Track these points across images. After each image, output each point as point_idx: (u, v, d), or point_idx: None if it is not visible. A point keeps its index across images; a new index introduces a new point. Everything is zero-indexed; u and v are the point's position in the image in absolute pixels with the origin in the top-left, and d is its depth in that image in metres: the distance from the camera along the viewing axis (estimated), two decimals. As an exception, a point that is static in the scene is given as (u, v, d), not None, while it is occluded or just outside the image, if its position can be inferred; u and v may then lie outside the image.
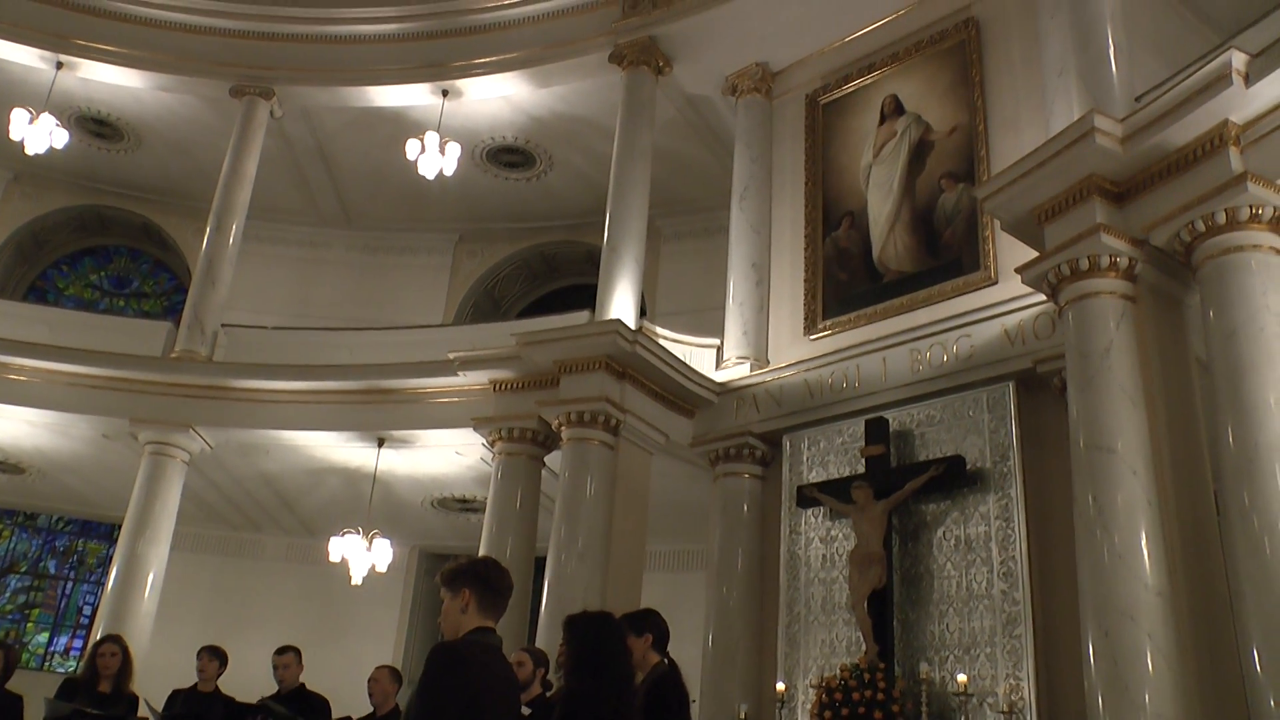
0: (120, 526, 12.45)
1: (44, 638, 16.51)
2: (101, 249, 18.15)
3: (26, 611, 16.64)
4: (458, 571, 3.68)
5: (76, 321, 13.64)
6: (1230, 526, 6.27)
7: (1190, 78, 6.92)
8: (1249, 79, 6.60)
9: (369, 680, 7.37)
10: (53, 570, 17.02)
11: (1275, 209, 6.73)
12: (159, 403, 12.37)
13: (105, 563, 16.22)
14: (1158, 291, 7.43)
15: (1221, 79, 6.64)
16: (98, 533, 17.11)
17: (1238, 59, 6.61)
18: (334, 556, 13.02)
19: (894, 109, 11.23)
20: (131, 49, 14.24)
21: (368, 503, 13.48)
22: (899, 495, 8.94)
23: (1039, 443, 8.64)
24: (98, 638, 9.02)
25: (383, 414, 12.31)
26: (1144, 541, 6.54)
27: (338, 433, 12.58)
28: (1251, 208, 6.68)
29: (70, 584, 16.97)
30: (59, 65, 14.13)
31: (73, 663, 15.76)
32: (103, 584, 14.00)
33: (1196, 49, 9.39)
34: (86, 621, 16.25)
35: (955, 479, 8.85)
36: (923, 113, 10.94)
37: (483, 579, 3.66)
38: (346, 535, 13.03)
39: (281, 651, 7.83)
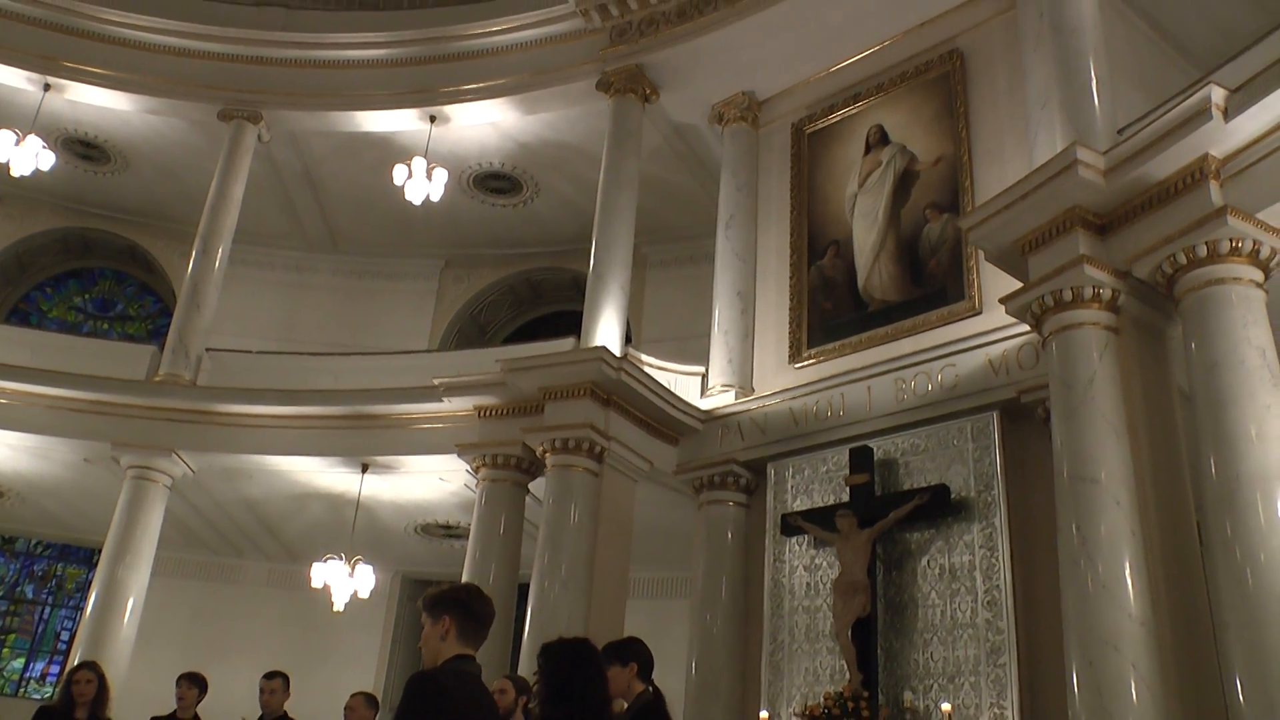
0: (100, 551, 12.36)
1: (20, 663, 16.31)
2: (86, 271, 18.08)
3: (2, 636, 16.45)
4: (438, 598, 3.67)
5: (59, 344, 13.56)
6: (1213, 557, 6.30)
7: (1171, 112, 7.01)
8: (1228, 114, 6.68)
9: (345, 708, 7.32)
10: (30, 595, 16.84)
11: (1255, 242, 6.79)
12: (142, 426, 12.30)
13: (84, 587, 16.07)
14: (1140, 323, 7.49)
15: (1201, 113, 6.72)
16: (77, 557, 16.96)
17: (1217, 94, 6.69)
18: (316, 582, 12.95)
19: (879, 139, 11.31)
20: (120, 71, 14.25)
21: (350, 528, 13.40)
22: (883, 524, 8.94)
23: (1023, 472, 8.66)
24: (74, 664, 8.92)
25: (367, 439, 12.28)
26: (1128, 571, 6.56)
27: (322, 458, 12.54)
28: (1232, 241, 6.74)
29: (48, 609, 16.79)
30: (46, 87, 14.12)
31: (49, 689, 15.56)
32: (81, 609, 13.88)
33: (1177, 82, 9.50)
34: (64, 647, 16.07)
35: (940, 508, 8.86)
36: (908, 143, 11.02)
37: (463, 606, 3.65)
38: (329, 561, 12.97)
39: (270, 676, 7.76)
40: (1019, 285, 7.93)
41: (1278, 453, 6.23)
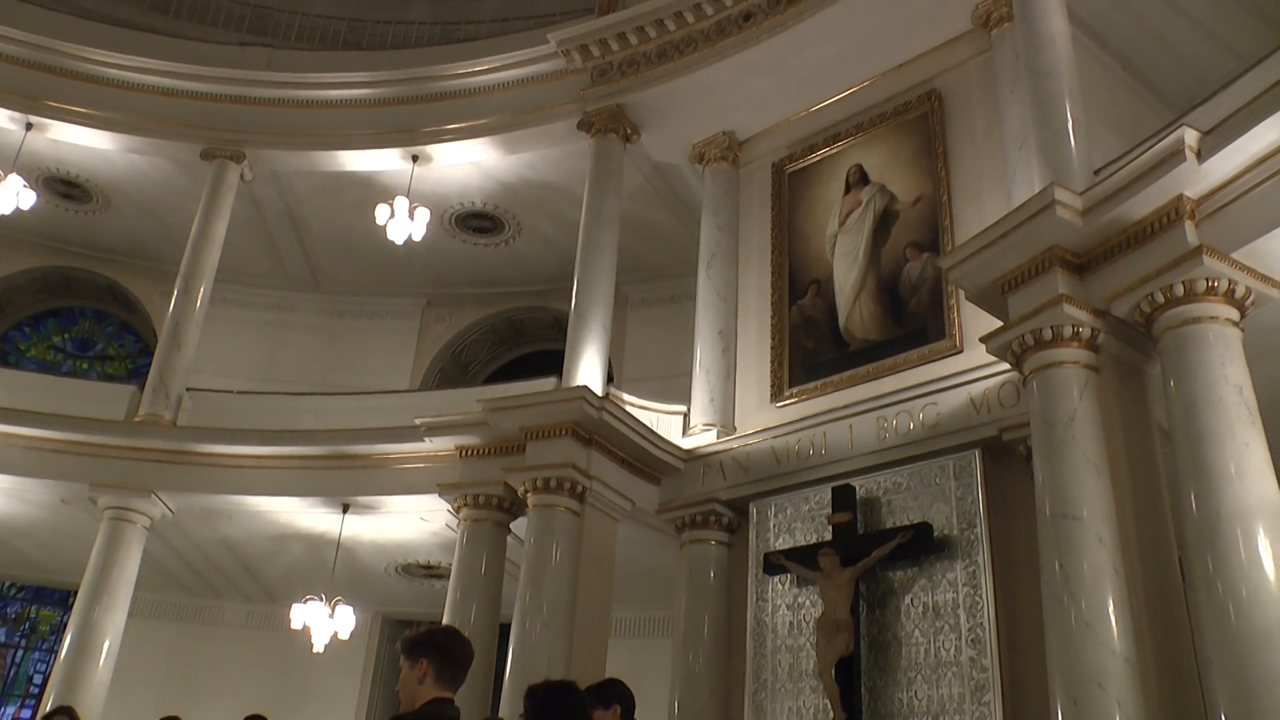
0: (76, 593, 12.21)
1: (-8, 708, 16.08)
2: (66, 310, 17.99)
3: (-26, 680, 16.21)
4: (416, 641, 3.67)
5: (37, 384, 13.47)
6: (1195, 593, 6.32)
7: (1146, 153, 7.10)
8: (1201, 155, 6.77)
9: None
10: (2, 638, 16.60)
11: (1231, 282, 6.86)
12: (120, 467, 12.19)
13: (59, 630, 15.87)
14: (1120, 361, 7.54)
15: (1175, 155, 6.81)
16: (52, 599, 16.74)
17: (1190, 136, 6.79)
18: (296, 623, 12.83)
19: (859, 178, 11.41)
20: (103, 111, 14.26)
21: (331, 569, 13.30)
22: (866, 562, 8.93)
23: (1005, 510, 8.68)
24: (48, 709, 8.80)
25: (348, 479, 12.21)
26: (1111, 608, 6.56)
27: (302, 498, 12.45)
28: (1208, 281, 6.82)
29: (21, 652, 16.55)
30: (29, 126, 14.11)
31: (22, 734, 15.34)
32: (55, 652, 13.68)
33: (1151, 124, 9.67)
34: (37, 691, 15.83)
35: (922, 546, 8.86)
36: (887, 182, 11.12)
37: (441, 649, 3.64)
38: (309, 602, 12.85)
39: (249, 720, 7.69)
40: (999, 324, 7.97)
41: (1257, 489, 6.27)
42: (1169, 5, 10.69)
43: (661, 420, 11.43)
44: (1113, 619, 6.53)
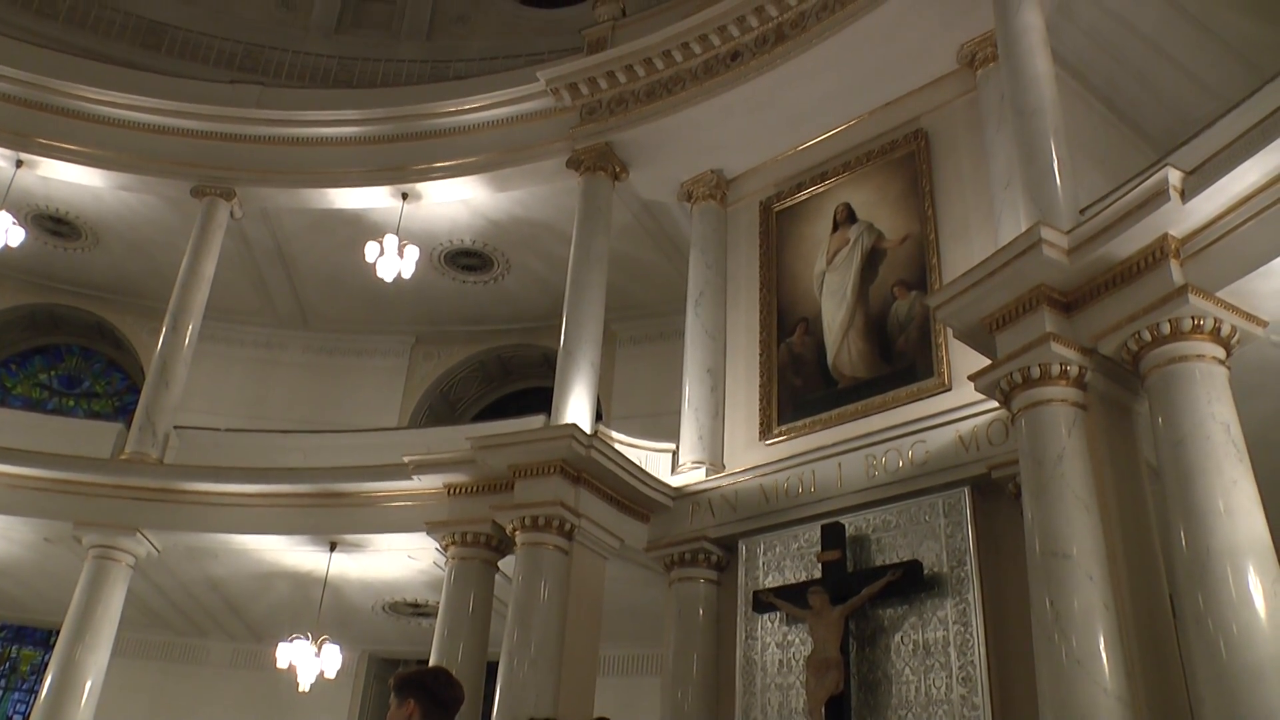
0: (58, 632, 12.08)
1: (-29, 749, 15.86)
2: (52, 348, 17.93)
3: (-47, 721, 16.01)
4: (405, 681, 3.69)
5: (22, 422, 13.38)
6: (1186, 630, 6.32)
7: (1130, 193, 7.18)
8: (1185, 195, 6.85)
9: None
10: (-17, 678, 16.42)
11: (1216, 320, 6.91)
12: (105, 505, 12.12)
13: (40, 670, 15.67)
14: (1108, 399, 7.57)
15: (1159, 194, 6.89)
16: (33, 639, 16.55)
17: (1174, 176, 6.87)
18: (281, 662, 12.71)
19: (846, 217, 11.48)
20: (93, 148, 14.30)
21: (317, 607, 13.19)
22: (856, 600, 8.91)
23: (995, 547, 8.68)
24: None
25: (335, 517, 12.16)
26: (1102, 646, 6.55)
27: (289, 536, 12.39)
28: (1194, 319, 6.87)
29: (0, 692, 16.35)
30: (19, 163, 14.14)
31: (2, 777, 15.13)
32: (36, 692, 13.51)
33: (1135, 163, 9.78)
34: (18, 732, 15.65)
35: (912, 584, 8.84)
36: (875, 221, 11.19)
37: (429, 690, 3.66)
38: (295, 640, 12.74)
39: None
40: (988, 362, 8.01)
41: (1246, 526, 6.29)
42: (1150, 46, 10.84)
43: (650, 458, 11.42)
44: (1104, 657, 6.51)
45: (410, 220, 14.29)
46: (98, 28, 18.11)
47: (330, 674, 12.97)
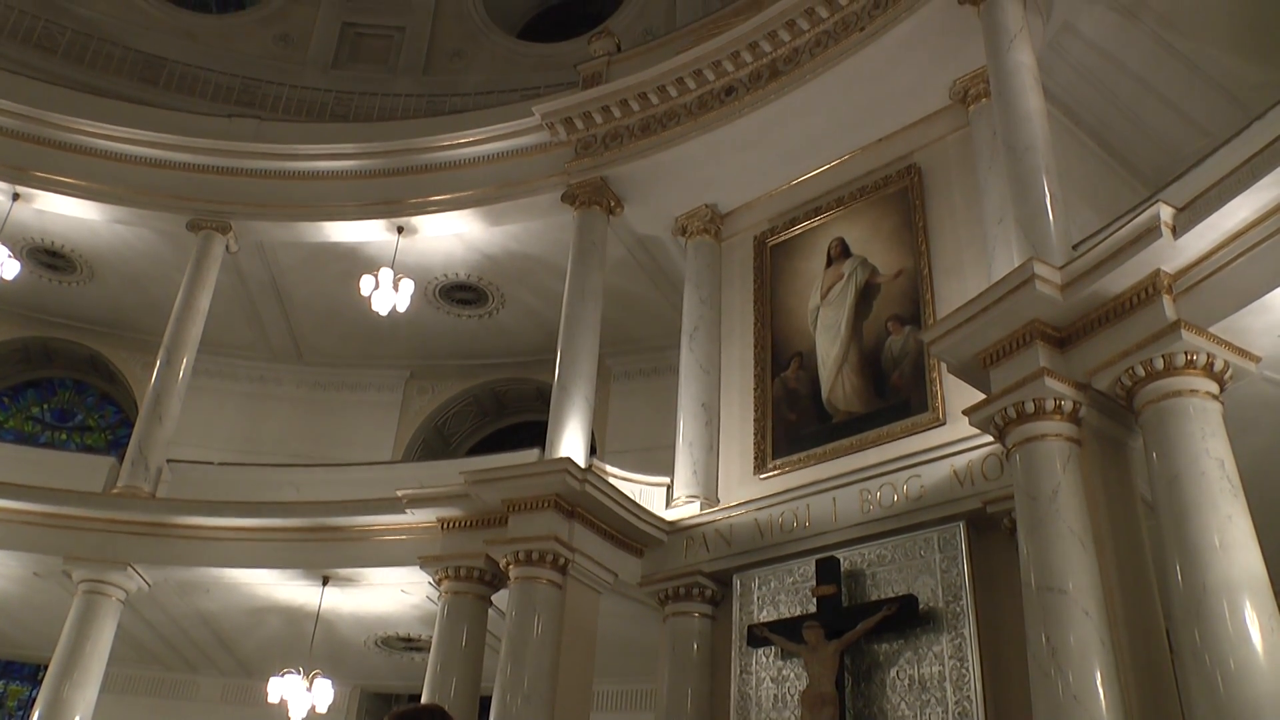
0: (45, 668, 11.98)
1: (-45, 787, 15.68)
2: (46, 381, 17.89)
3: (-63, 758, 15.83)
4: (400, 716, 3.64)
5: (14, 456, 13.32)
6: (1184, 666, 6.31)
7: (1122, 229, 7.23)
8: (1176, 231, 6.90)
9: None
10: (-32, 714, 16.26)
11: (1209, 356, 6.95)
12: (96, 540, 12.05)
13: (27, 705, 15.53)
14: (1102, 434, 7.59)
15: (1151, 231, 6.95)
16: (20, 674, 16.39)
17: (1165, 212, 6.93)
18: (273, 697, 12.61)
19: (840, 252, 11.52)
20: (90, 181, 14.32)
21: (309, 642, 13.11)
22: (851, 635, 8.88)
23: (991, 582, 8.66)
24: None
25: (328, 552, 12.11)
26: (1099, 681, 6.53)
27: (282, 571, 12.33)
28: (1187, 355, 6.90)
29: (-13, 729, 16.21)
30: (15, 196, 14.16)
31: (-12, 815, 14.95)
32: (24, 729, 13.41)
33: (1126, 199, 9.86)
34: (4, 770, 15.48)
35: (908, 619, 8.81)
36: (869, 256, 11.24)
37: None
38: (286, 675, 12.65)
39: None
40: (982, 397, 8.03)
41: (1242, 562, 6.30)
42: (1140, 84, 10.95)
43: (644, 492, 11.40)
44: (1101, 692, 6.50)
45: (405, 254, 14.32)
46: (96, 62, 18.25)
47: (322, 709, 12.87)
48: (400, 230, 14.18)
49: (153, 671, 15.36)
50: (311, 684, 12.70)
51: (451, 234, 14.32)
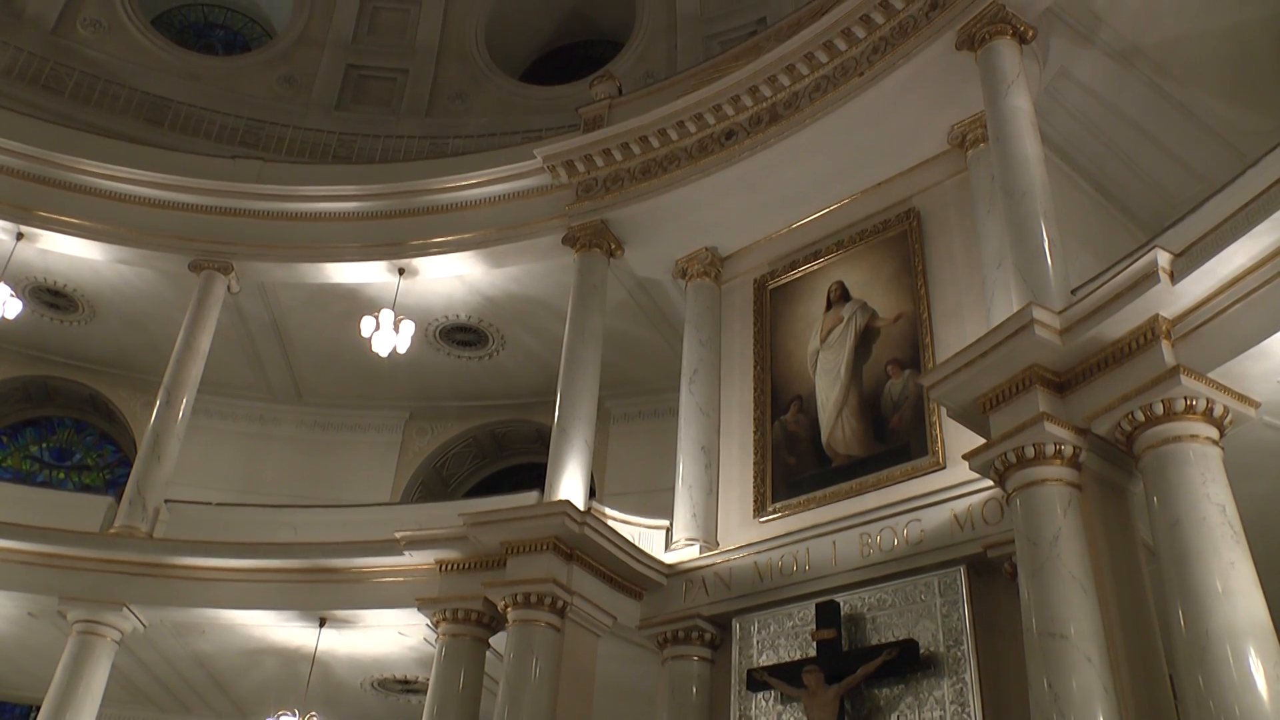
0: (38, 709, 11.89)
1: (-56, 830, 15.49)
2: (45, 420, 17.87)
3: (-74, 800, 15.66)
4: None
5: (11, 494, 13.30)
6: (1188, 713, 6.27)
7: (1120, 274, 7.26)
8: (1174, 276, 6.94)
9: None
10: (-43, 755, 16.10)
11: (1209, 401, 6.96)
12: (92, 580, 12.00)
13: (18, 748, 15.40)
14: (1103, 479, 7.58)
15: (1149, 276, 6.99)
16: (12, 715, 16.25)
17: (1162, 258, 6.97)
18: (266, 740, 12.51)
19: (840, 295, 11.56)
20: (94, 221, 14.39)
21: (305, 684, 13.01)
22: (851, 680, 8.81)
23: (992, 627, 8.60)
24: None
25: (325, 593, 12.05)
26: (1102, 729, 6.48)
27: (278, 612, 12.26)
28: (1186, 400, 6.91)
29: (-24, 770, 16.04)
30: (19, 236, 14.22)
31: None
32: (14, 771, 13.28)
33: (1123, 243, 9.92)
34: (-6, 813, 15.31)
35: (908, 663, 8.75)
36: (868, 299, 11.27)
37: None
38: (282, 718, 12.55)
39: None
40: (982, 441, 8.03)
41: (1245, 608, 6.27)
42: (1136, 130, 11.05)
43: (644, 535, 11.35)
44: (1104, 739, 6.44)
45: (406, 295, 14.37)
46: (102, 103, 18.42)
47: (317, 752, 12.77)
48: (401, 271, 14.23)
49: (146, 713, 15.21)
50: (306, 726, 12.61)
51: (452, 275, 14.37)
